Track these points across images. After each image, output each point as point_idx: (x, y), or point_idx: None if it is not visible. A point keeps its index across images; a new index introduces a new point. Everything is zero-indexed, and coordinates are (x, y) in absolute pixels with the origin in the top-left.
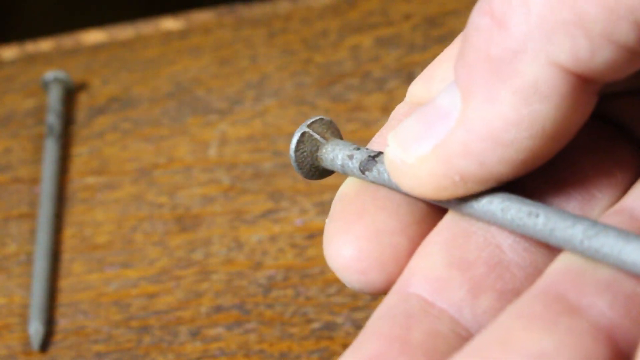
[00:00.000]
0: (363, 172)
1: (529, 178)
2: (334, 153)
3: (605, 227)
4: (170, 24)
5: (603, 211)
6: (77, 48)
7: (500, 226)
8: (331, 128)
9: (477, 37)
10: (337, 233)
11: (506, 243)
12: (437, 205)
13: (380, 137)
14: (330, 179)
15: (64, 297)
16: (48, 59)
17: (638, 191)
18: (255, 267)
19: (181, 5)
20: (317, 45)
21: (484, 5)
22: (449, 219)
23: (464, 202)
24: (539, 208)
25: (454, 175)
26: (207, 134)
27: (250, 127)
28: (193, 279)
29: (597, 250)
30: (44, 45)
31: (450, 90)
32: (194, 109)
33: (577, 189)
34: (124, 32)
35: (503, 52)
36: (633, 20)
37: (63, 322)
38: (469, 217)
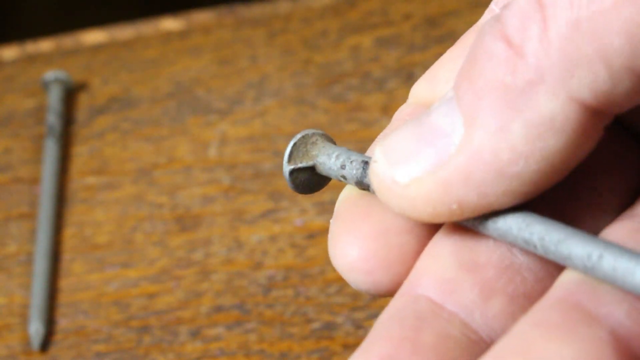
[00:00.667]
0: (362, 186)
1: None
2: (327, 168)
3: (619, 253)
4: (170, 24)
5: (613, 210)
6: (77, 48)
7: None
8: (320, 139)
9: (489, 63)
10: (343, 233)
11: None
12: None
13: (384, 135)
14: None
15: (64, 297)
16: (48, 59)
17: None
18: (255, 267)
19: (181, 5)
20: (317, 45)
21: (497, 29)
22: None
23: (475, 221)
24: (549, 234)
25: (451, 203)
26: (207, 134)
27: (250, 127)
28: (193, 279)
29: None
30: (44, 45)
31: (450, 111)
32: (194, 109)
33: (586, 189)
34: (124, 32)
35: (519, 83)
36: None
37: (63, 322)
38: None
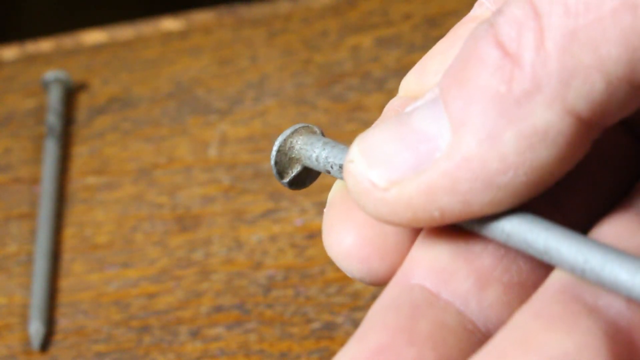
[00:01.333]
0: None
1: None
2: (315, 166)
3: (617, 258)
4: (170, 24)
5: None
6: (77, 48)
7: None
8: (299, 140)
9: (482, 69)
10: (337, 221)
11: None
12: None
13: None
14: (330, 179)
15: (64, 297)
16: (48, 59)
17: None
18: (255, 267)
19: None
20: (317, 45)
21: (491, 34)
22: None
23: (469, 223)
24: (549, 240)
25: (433, 210)
26: (207, 134)
27: (250, 127)
28: (193, 279)
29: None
30: (44, 45)
31: (435, 114)
32: (194, 109)
33: (582, 183)
34: (124, 32)
35: (514, 92)
36: None
37: (63, 322)
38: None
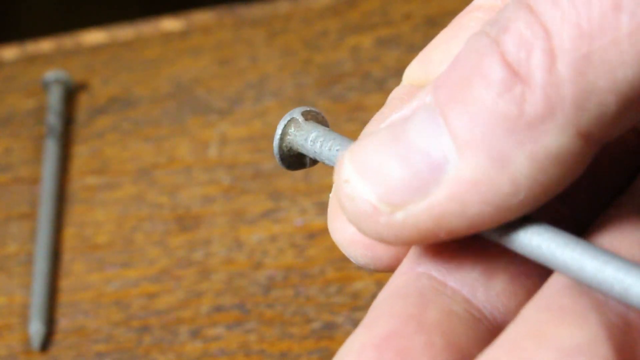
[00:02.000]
0: None
1: None
2: (312, 154)
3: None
4: (170, 24)
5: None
6: (77, 48)
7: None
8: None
9: (487, 89)
10: None
11: None
12: None
13: (381, 115)
14: (330, 179)
15: (65, 297)
16: (48, 59)
17: None
18: (255, 267)
19: (181, 5)
20: (317, 45)
21: (496, 51)
22: None
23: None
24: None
25: (439, 232)
26: (207, 134)
27: (250, 127)
28: (193, 279)
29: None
30: (44, 45)
31: (435, 131)
32: (194, 109)
33: (586, 178)
34: (124, 32)
35: (526, 115)
36: None
37: (63, 322)
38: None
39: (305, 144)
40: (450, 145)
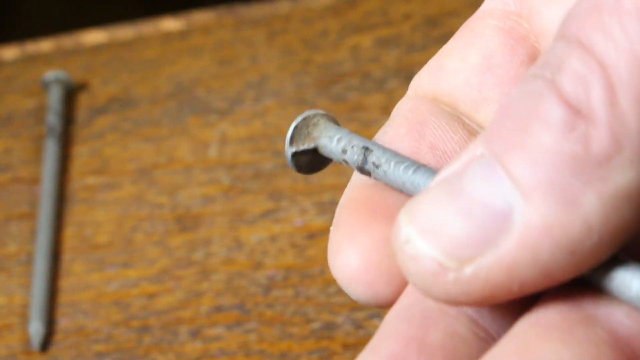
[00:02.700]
0: (363, 172)
1: None
2: (329, 151)
3: None
4: (170, 24)
5: None
6: (77, 48)
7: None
8: (322, 120)
9: (547, 130)
10: (343, 243)
11: None
12: None
13: (384, 135)
14: (330, 179)
15: (64, 297)
16: (48, 59)
17: None
18: (255, 267)
19: (181, 5)
20: (317, 45)
21: (553, 92)
22: None
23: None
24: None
25: (512, 285)
26: (207, 134)
27: (250, 127)
28: (193, 279)
29: None
30: (44, 45)
31: (493, 181)
32: (194, 109)
33: None
34: (124, 32)
35: (592, 153)
36: None
37: (63, 322)
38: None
39: (330, 144)
40: (514, 192)
